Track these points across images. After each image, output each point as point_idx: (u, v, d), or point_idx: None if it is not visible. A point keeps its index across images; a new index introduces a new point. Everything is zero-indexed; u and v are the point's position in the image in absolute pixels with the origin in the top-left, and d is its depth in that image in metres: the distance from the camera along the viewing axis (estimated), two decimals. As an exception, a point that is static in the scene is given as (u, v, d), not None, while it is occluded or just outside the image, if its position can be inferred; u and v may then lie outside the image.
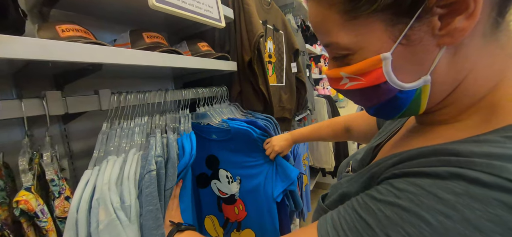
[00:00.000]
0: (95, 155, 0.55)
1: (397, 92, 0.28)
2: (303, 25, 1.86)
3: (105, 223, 0.43)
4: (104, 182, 0.47)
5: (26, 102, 0.46)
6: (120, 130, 0.60)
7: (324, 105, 2.06)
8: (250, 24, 0.92)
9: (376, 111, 0.33)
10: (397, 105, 0.30)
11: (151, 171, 0.50)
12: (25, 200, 0.38)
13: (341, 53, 0.29)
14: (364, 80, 0.28)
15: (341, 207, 0.29)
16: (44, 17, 0.60)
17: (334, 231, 0.27)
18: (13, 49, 0.36)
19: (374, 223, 0.24)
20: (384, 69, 0.27)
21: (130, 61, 0.55)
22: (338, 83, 0.32)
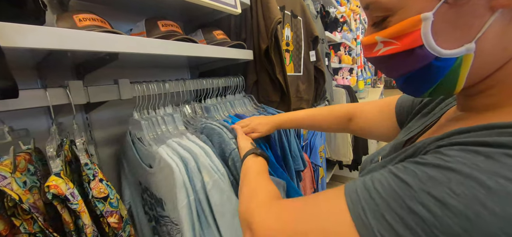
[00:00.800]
0: (147, 137, 0.63)
1: (433, 59, 0.25)
2: (323, 11, 1.76)
3: (211, 183, 0.54)
4: (198, 154, 0.56)
5: (51, 91, 0.47)
6: (160, 118, 0.66)
7: (343, 96, 1.98)
8: (268, 10, 0.88)
9: (406, 82, 0.30)
10: (430, 76, 0.26)
11: (234, 149, 0.61)
12: (55, 184, 0.40)
13: (381, 16, 0.27)
14: (399, 43, 0.26)
15: (375, 172, 0.26)
16: (63, 7, 0.60)
17: (365, 191, 0.24)
18: (32, 38, 0.37)
19: (414, 182, 0.21)
20: (423, 31, 0.24)
21: (146, 50, 0.54)
22: (372, 50, 0.29)
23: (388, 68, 0.30)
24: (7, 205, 0.37)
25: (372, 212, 0.22)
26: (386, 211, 0.21)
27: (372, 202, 0.23)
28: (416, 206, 0.20)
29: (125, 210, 0.54)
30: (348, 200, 0.25)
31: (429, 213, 0.19)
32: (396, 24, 0.26)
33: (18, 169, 0.41)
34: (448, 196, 0.19)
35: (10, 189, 0.36)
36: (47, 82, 0.62)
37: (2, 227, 0.37)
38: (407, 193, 0.21)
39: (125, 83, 0.60)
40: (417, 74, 0.27)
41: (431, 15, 0.23)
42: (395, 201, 0.21)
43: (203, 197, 0.54)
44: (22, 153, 0.44)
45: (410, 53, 0.26)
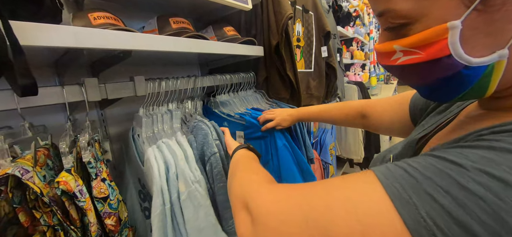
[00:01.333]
0: (144, 136, 0.63)
1: (462, 68, 0.23)
2: (335, 5, 1.71)
3: (186, 194, 0.51)
4: (179, 159, 0.54)
5: (67, 88, 0.48)
6: (160, 116, 0.66)
7: (355, 93, 1.93)
8: (278, 5, 0.87)
9: (432, 91, 0.28)
10: (459, 84, 0.25)
11: (215, 153, 0.57)
12: (64, 181, 0.41)
13: (397, 23, 0.25)
14: (423, 53, 0.24)
15: (408, 159, 0.23)
16: (78, 5, 0.62)
17: (399, 169, 0.21)
18: (49, 37, 0.38)
19: (463, 161, 0.19)
20: (450, 40, 0.22)
21: (158, 47, 0.55)
22: (389, 58, 0.27)
23: (408, 77, 0.28)
24: (29, 198, 0.38)
25: (414, 189, 0.19)
26: (432, 189, 0.18)
27: (412, 179, 0.20)
28: (470, 183, 0.18)
29: (125, 212, 0.54)
30: (379, 175, 0.22)
31: (488, 191, 0.17)
32: (419, 33, 0.24)
33: (38, 164, 0.43)
34: (510, 175, 0.17)
35: (33, 182, 0.38)
36: (65, 80, 0.64)
37: (23, 218, 0.38)
38: (456, 171, 0.19)
39: (140, 80, 0.62)
40: (445, 82, 0.25)
41: (459, 23, 0.22)
42: (441, 178, 0.19)
43: (178, 209, 0.51)
44: (41, 148, 0.46)
45: (436, 63, 0.24)
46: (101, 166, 0.53)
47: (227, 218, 0.56)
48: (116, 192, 0.52)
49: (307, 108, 0.75)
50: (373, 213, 0.20)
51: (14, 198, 0.37)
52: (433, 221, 0.18)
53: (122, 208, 0.53)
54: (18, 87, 0.33)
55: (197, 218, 0.51)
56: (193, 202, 0.51)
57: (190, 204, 0.51)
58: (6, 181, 0.36)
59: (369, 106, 0.61)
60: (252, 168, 0.41)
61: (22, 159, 0.40)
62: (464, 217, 0.17)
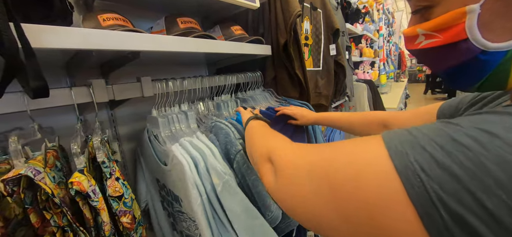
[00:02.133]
0: (163, 135, 0.64)
1: (478, 53, 0.24)
2: (344, 2, 1.68)
3: (221, 185, 0.53)
4: (208, 154, 0.56)
5: (75, 90, 0.48)
6: (175, 116, 0.67)
7: (365, 91, 1.89)
8: (286, 3, 0.85)
9: (451, 77, 0.28)
10: (477, 70, 0.25)
11: (239, 150, 0.59)
12: (77, 181, 0.41)
13: (423, 5, 0.26)
14: (441, 36, 0.25)
15: None
16: (88, 7, 0.62)
17: (403, 131, 0.22)
18: (59, 39, 0.38)
19: (461, 120, 0.20)
20: (468, 24, 0.23)
21: (166, 48, 0.55)
22: (413, 42, 0.28)
23: (430, 61, 0.29)
24: (40, 199, 0.39)
25: (410, 143, 0.21)
26: (426, 142, 0.20)
27: (411, 137, 0.21)
28: (462, 137, 0.19)
29: (138, 210, 0.54)
30: (383, 135, 0.23)
31: (476, 142, 0.18)
32: (439, 16, 0.25)
33: (48, 165, 0.43)
34: (502, 130, 0.18)
35: (44, 183, 0.38)
36: (75, 81, 0.65)
37: (34, 219, 0.39)
38: (452, 128, 0.20)
39: (147, 80, 0.62)
40: (462, 68, 0.26)
41: (477, 7, 0.22)
42: (438, 135, 0.20)
43: (215, 199, 0.53)
44: (50, 150, 0.47)
45: (453, 47, 0.25)
46: (114, 165, 0.53)
47: (268, 205, 0.57)
48: (130, 190, 0.53)
49: (329, 113, 0.77)
50: (370, 160, 0.22)
51: (25, 199, 0.37)
52: (419, 164, 0.19)
53: (136, 206, 0.54)
54: (30, 89, 0.33)
55: (235, 205, 0.53)
56: (229, 191, 0.53)
57: (227, 194, 0.53)
58: (19, 182, 0.37)
59: (392, 115, 0.60)
60: (270, 132, 0.45)
61: (34, 160, 0.41)
62: (447, 161, 0.18)
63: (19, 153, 0.39)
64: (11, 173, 0.36)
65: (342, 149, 0.26)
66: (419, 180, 0.19)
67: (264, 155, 0.36)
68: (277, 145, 0.35)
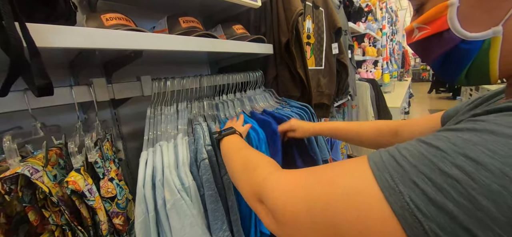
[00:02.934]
0: (146, 138, 0.61)
1: (459, 42, 0.27)
2: (346, 1, 1.67)
3: (171, 202, 0.49)
4: (165, 165, 0.52)
5: (76, 89, 0.49)
6: (165, 116, 0.65)
7: (367, 90, 1.88)
8: (288, 2, 0.85)
9: (441, 67, 0.31)
10: (459, 58, 0.28)
11: (204, 159, 0.54)
12: (73, 180, 0.42)
13: (417, 3, 0.30)
14: (429, 28, 0.29)
15: (400, 143, 0.25)
16: (91, 7, 0.63)
17: (390, 158, 0.23)
18: (63, 38, 0.38)
19: (446, 146, 0.21)
20: (449, 15, 0.27)
21: (168, 47, 0.55)
22: (411, 36, 0.32)
23: (423, 52, 0.32)
24: (39, 197, 0.39)
25: (400, 178, 0.21)
26: (416, 176, 0.20)
27: (400, 169, 0.22)
28: (449, 168, 0.19)
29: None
30: (373, 166, 0.23)
31: (463, 173, 0.19)
32: (428, 10, 0.29)
33: (50, 163, 0.44)
34: (484, 156, 0.18)
35: (42, 182, 0.38)
36: (79, 80, 0.66)
37: (33, 217, 0.39)
38: (439, 156, 0.20)
39: (147, 79, 0.62)
40: (448, 57, 0.29)
41: (456, 1, 0.26)
42: (425, 166, 0.20)
43: (164, 216, 0.49)
44: (54, 148, 0.47)
45: (439, 36, 0.28)
46: (110, 165, 0.53)
47: (217, 229, 0.52)
48: (125, 191, 0.52)
49: (333, 123, 0.71)
50: (366, 202, 0.22)
51: (24, 197, 0.38)
52: (415, 204, 0.20)
53: (132, 207, 0.54)
54: (35, 87, 0.33)
55: (182, 227, 0.49)
56: (178, 212, 0.49)
57: (175, 213, 0.49)
58: (16, 180, 0.37)
59: (403, 123, 0.58)
60: (249, 161, 0.42)
61: (33, 159, 0.41)
62: (440, 198, 0.19)
63: (14, 152, 0.39)
64: (8, 172, 0.36)
65: (336, 185, 0.25)
66: (417, 221, 0.19)
67: (254, 196, 0.35)
68: (262, 182, 0.34)
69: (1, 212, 0.38)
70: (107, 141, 0.57)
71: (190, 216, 0.49)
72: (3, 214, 0.38)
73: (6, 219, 0.38)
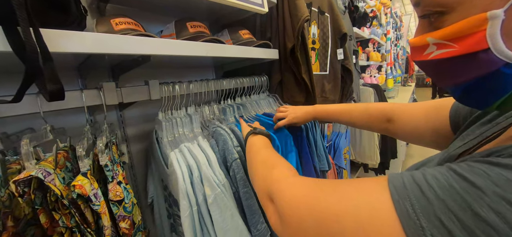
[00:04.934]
0: (165, 140, 0.64)
1: (502, 66, 0.20)
2: (351, 6, 1.67)
3: (212, 197, 0.52)
4: (202, 163, 0.55)
5: (86, 92, 0.50)
6: (180, 120, 0.67)
7: (371, 96, 1.87)
8: (295, 8, 0.85)
9: (465, 93, 0.25)
10: (498, 86, 0.22)
11: (236, 159, 0.57)
12: (80, 184, 0.42)
13: (435, 11, 0.23)
14: (458, 46, 0.22)
15: (427, 168, 0.22)
16: (101, 11, 0.64)
17: (414, 185, 0.20)
18: (75, 44, 0.39)
19: (485, 184, 0.17)
20: (489, 32, 0.20)
21: (175, 52, 0.56)
22: (422, 52, 0.25)
23: (441, 74, 0.26)
24: (50, 200, 0.39)
25: (424, 211, 0.18)
26: (443, 212, 0.18)
27: (425, 200, 0.19)
28: (486, 211, 0.16)
29: (139, 216, 0.55)
30: (392, 190, 0.21)
31: (502, 221, 0.16)
32: (454, 23, 0.22)
33: (59, 166, 0.44)
34: None
35: (54, 184, 0.39)
36: (87, 82, 0.67)
37: (44, 220, 0.39)
38: (473, 195, 0.17)
39: (154, 84, 0.63)
40: (480, 83, 0.23)
41: (501, 13, 0.19)
42: (455, 203, 0.18)
43: (205, 210, 0.52)
44: (61, 151, 0.47)
45: (472, 57, 0.21)
46: (118, 168, 0.54)
47: (255, 223, 0.55)
48: (131, 195, 0.53)
49: (326, 106, 0.69)
50: (378, 225, 0.20)
51: (36, 200, 0.38)
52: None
53: (136, 211, 0.54)
54: (47, 92, 0.34)
55: (224, 220, 0.52)
56: (219, 205, 0.52)
57: (216, 207, 0.52)
58: (30, 183, 0.37)
59: (398, 109, 0.55)
60: (269, 160, 0.43)
61: (45, 162, 0.41)
62: None
63: (30, 155, 0.40)
64: (22, 175, 0.36)
65: (348, 201, 0.24)
66: None
67: (265, 194, 0.35)
68: (277, 182, 0.34)
69: (9, 215, 0.38)
70: (113, 144, 0.57)
71: (230, 208, 0.53)
72: (11, 217, 0.39)
73: (13, 222, 0.39)
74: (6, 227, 0.38)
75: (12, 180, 0.36)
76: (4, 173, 0.40)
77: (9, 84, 0.54)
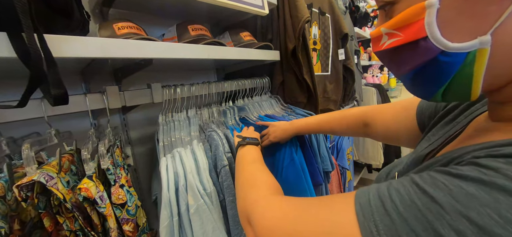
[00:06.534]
0: (161, 144, 0.62)
1: (438, 53, 0.21)
2: (352, 6, 1.67)
3: (195, 207, 0.50)
4: (188, 171, 0.53)
5: (90, 96, 0.50)
6: (178, 123, 0.66)
7: (374, 95, 1.86)
8: (295, 9, 0.86)
9: (413, 82, 0.26)
10: (437, 74, 0.23)
11: (225, 166, 0.55)
12: (85, 187, 0.42)
13: (386, 1, 0.24)
14: (402, 35, 0.23)
15: (393, 180, 0.22)
16: (104, 16, 0.65)
17: (378, 201, 0.21)
18: (78, 49, 0.40)
19: (445, 200, 0.17)
20: (427, 20, 0.21)
21: (177, 55, 0.56)
22: (378, 43, 0.26)
23: (393, 63, 0.27)
24: (53, 203, 0.40)
25: (387, 231, 0.19)
26: (405, 233, 0.18)
27: (387, 218, 0.19)
28: (447, 232, 0.16)
29: (144, 218, 0.55)
30: (358, 209, 0.21)
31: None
32: (401, 13, 0.23)
33: (63, 170, 0.45)
34: (493, 224, 0.15)
35: (56, 189, 0.39)
36: (91, 86, 0.67)
37: (48, 223, 0.40)
38: (435, 212, 0.17)
39: (157, 87, 0.63)
40: (423, 71, 0.23)
41: (436, 1, 0.20)
42: (417, 221, 0.18)
43: (187, 220, 0.51)
44: (66, 154, 0.48)
45: (414, 45, 0.22)
46: (121, 172, 0.54)
47: (238, 234, 0.53)
48: (134, 198, 0.53)
49: (305, 119, 0.69)
50: None
51: (39, 204, 0.39)
52: None
53: (140, 214, 0.54)
54: (51, 97, 0.34)
55: (204, 232, 0.51)
56: (201, 216, 0.50)
57: (198, 218, 0.50)
58: (33, 187, 0.38)
59: (371, 111, 0.55)
60: (251, 178, 0.42)
61: (48, 166, 0.42)
62: None
63: (32, 160, 0.40)
64: (25, 179, 0.37)
65: (319, 225, 0.25)
66: None
67: (245, 215, 0.36)
68: (254, 203, 0.34)
69: (16, 218, 0.39)
70: (117, 148, 0.58)
71: (212, 221, 0.51)
72: (18, 220, 0.39)
73: (20, 225, 0.39)
74: (13, 230, 0.39)
75: (14, 185, 0.36)
76: (11, 177, 0.40)
77: (13, 89, 0.55)
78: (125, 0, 0.66)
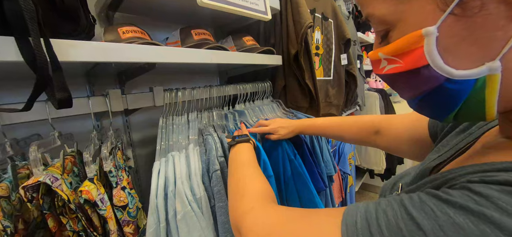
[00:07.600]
0: (158, 148, 0.62)
1: (444, 81, 0.21)
2: (355, 11, 1.67)
3: (182, 214, 0.49)
4: (178, 176, 0.52)
5: (93, 99, 0.51)
6: (176, 126, 0.66)
7: (377, 101, 1.85)
8: (298, 14, 0.86)
9: (419, 106, 0.25)
10: (446, 100, 0.22)
11: (216, 170, 0.54)
12: (86, 190, 0.43)
13: (381, 29, 0.24)
14: (402, 62, 0.22)
15: (383, 200, 0.22)
16: (109, 20, 0.66)
17: (364, 222, 0.21)
18: (82, 53, 0.40)
19: (429, 227, 0.17)
20: (426, 48, 0.20)
21: (180, 59, 0.57)
22: (378, 66, 0.26)
23: (397, 88, 0.26)
24: (57, 204, 0.40)
25: None
26: None
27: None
28: None
29: (144, 220, 0.55)
30: (343, 230, 0.21)
31: None
32: (397, 40, 0.22)
33: (66, 171, 0.45)
34: None
35: (61, 190, 0.40)
36: (95, 89, 0.68)
37: (52, 224, 0.40)
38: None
39: (159, 90, 0.64)
40: (430, 97, 0.23)
41: (434, 29, 0.19)
42: None
43: (174, 227, 0.50)
44: (68, 156, 0.48)
45: (416, 73, 0.22)
46: (122, 174, 0.54)
47: None
48: (136, 200, 0.53)
49: (314, 119, 0.68)
50: None
51: (44, 204, 0.39)
52: None
53: (141, 215, 0.54)
54: (56, 100, 0.35)
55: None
56: (187, 224, 0.49)
57: (185, 225, 0.49)
58: (38, 188, 0.39)
59: (384, 121, 0.54)
60: (240, 184, 0.42)
61: (52, 167, 0.43)
62: None
63: (38, 161, 0.41)
64: (31, 180, 0.37)
65: (304, 232, 0.25)
66: None
67: (235, 223, 0.36)
68: (244, 215, 0.35)
69: (20, 218, 0.40)
70: (119, 150, 0.58)
71: (199, 229, 0.50)
72: (21, 220, 0.40)
73: (24, 224, 0.40)
74: (17, 229, 0.39)
75: (21, 186, 0.37)
76: (15, 178, 0.41)
77: (17, 90, 0.56)
78: (130, 5, 0.67)
